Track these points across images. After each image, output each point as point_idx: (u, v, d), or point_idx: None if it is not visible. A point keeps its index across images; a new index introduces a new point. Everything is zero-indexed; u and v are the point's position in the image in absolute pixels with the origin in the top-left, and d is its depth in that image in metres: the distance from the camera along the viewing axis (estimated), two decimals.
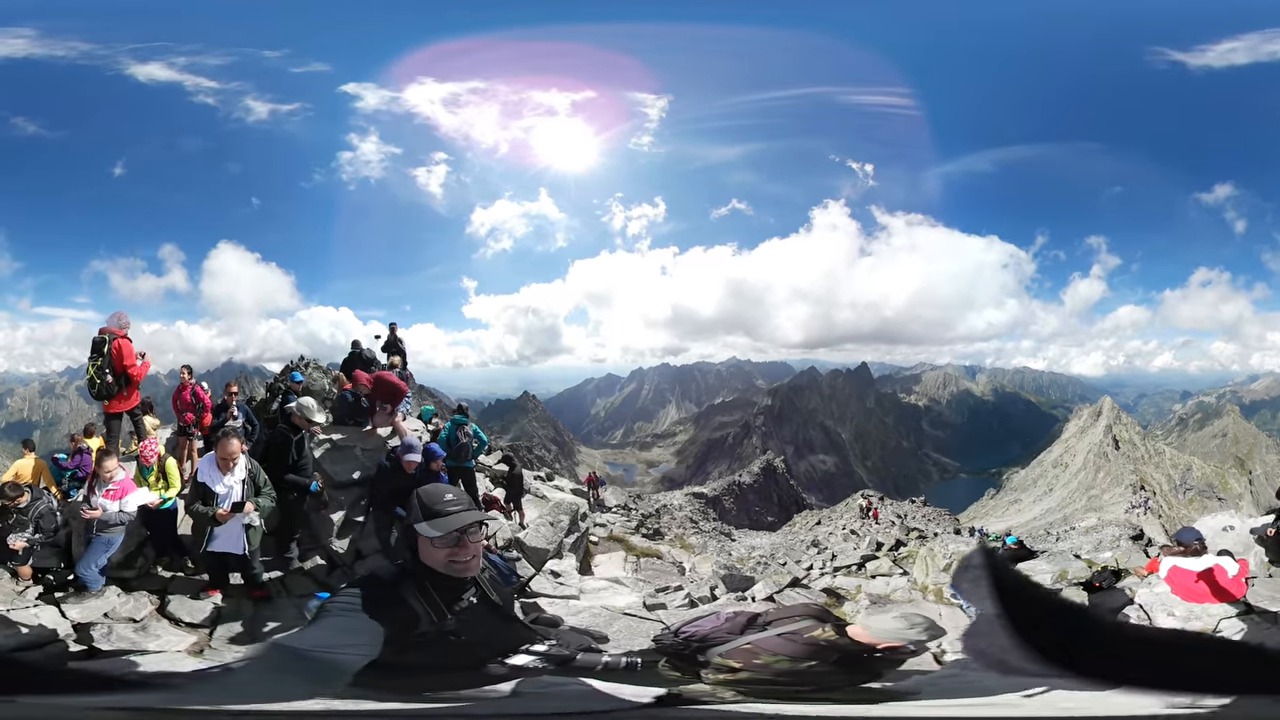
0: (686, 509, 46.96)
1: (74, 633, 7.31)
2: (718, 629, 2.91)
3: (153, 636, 7.46)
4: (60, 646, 6.88)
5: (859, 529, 43.55)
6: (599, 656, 2.71)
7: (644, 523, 32.61)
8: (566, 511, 12.00)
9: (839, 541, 37.97)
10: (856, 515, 51.19)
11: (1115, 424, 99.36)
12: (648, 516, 36.55)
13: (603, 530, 16.55)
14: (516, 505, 13.31)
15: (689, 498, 55.51)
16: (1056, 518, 71.49)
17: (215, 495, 7.89)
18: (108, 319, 10.31)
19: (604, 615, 8.40)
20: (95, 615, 7.75)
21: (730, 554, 32.14)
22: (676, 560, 15.64)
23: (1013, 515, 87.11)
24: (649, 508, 41.92)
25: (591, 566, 12.36)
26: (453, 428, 11.88)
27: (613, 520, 27.50)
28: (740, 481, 74.26)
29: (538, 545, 10.50)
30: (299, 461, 9.23)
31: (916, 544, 30.07)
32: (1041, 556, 18.36)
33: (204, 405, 11.83)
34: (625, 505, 40.11)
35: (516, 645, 2.63)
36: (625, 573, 12.35)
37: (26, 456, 10.84)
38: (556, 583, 9.64)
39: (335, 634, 2.20)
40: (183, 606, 8.15)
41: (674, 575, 13.17)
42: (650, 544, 17.57)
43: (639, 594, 10.21)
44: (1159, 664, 1.55)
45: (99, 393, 10.11)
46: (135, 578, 8.84)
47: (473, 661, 2.49)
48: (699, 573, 15.50)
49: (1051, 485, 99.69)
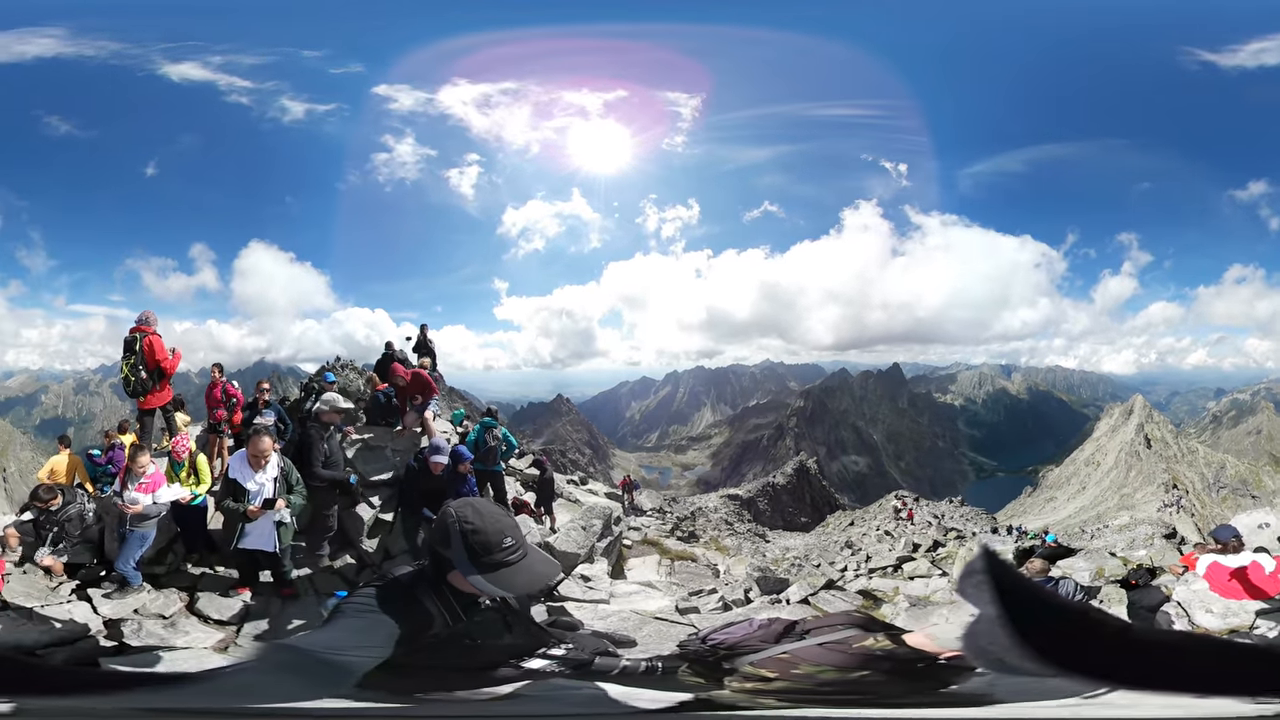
0: (721, 511, 46.72)
1: (104, 629, 7.31)
2: (749, 637, 2.71)
3: (181, 633, 7.44)
4: (91, 642, 6.86)
5: (893, 530, 43.07)
6: (617, 660, 2.60)
7: (679, 525, 32.38)
8: (599, 516, 11.84)
9: (873, 543, 37.56)
10: (890, 516, 50.70)
11: (1147, 422, 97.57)
12: (683, 519, 36.32)
13: (637, 534, 16.41)
14: (547, 509, 13.19)
15: (724, 500, 55.27)
16: (1090, 516, 70.59)
17: (246, 492, 7.86)
18: (137, 318, 10.41)
19: (633, 619, 8.25)
20: (126, 611, 7.75)
21: (765, 555, 31.83)
22: (711, 563, 15.43)
23: (1048, 513, 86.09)
24: (684, 510, 41.74)
25: (625, 570, 12.19)
26: (481, 431, 11.82)
27: (647, 524, 27.30)
28: (774, 483, 73.73)
29: (567, 550, 10.35)
30: (331, 458, 9.21)
31: (955, 544, 29.68)
32: (1079, 554, 18.18)
33: (235, 403, 11.86)
34: (660, 509, 39.98)
35: (533, 649, 2.51)
36: (659, 576, 12.17)
37: (62, 453, 10.96)
38: (586, 587, 9.49)
39: (349, 634, 2.12)
40: (212, 604, 8.15)
41: (708, 578, 12.96)
42: (685, 547, 17.37)
43: (672, 597, 10.04)
44: (1165, 665, 1.49)
45: (134, 389, 10.22)
46: (165, 574, 8.87)
47: (487, 664, 2.38)
48: (733, 575, 15.27)
49: (1084, 484, 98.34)
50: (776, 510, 65.09)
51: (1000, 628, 1.53)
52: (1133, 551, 19.20)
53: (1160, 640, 1.62)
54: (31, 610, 7.16)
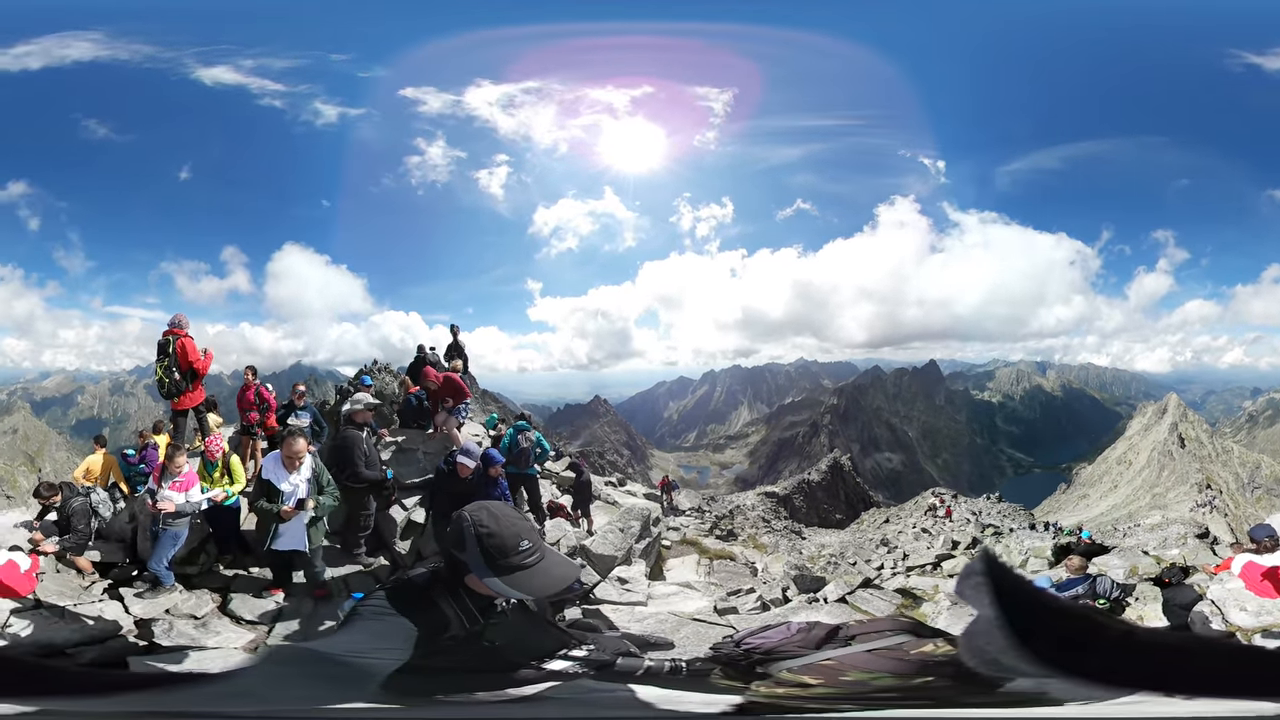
0: (759, 509, 46.47)
1: (135, 628, 7.30)
2: (787, 641, 2.58)
3: (212, 633, 7.40)
4: (121, 642, 6.85)
5: (931, 527, 42.57)
6: (640, 661, 2.51)
7: (718, 524, 32.28)
8: (637, 517, 11.69)
9: (910, 540, 37.12)
10: (927, 513, 50.16)
11: (1181, 421, 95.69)
12: (721, 518, 36.20)
13: (675, 534, 16.23)
14: (584, 512, 13.06)
15: (761, 497, 55.00)
16: (1122, 514, 69.76)
17: (280, 493, 7.82)
18: (169, 320, 10.57)
19: (670, 621, 8.08)
20: (157, 611, 7.73)
21: (801, 552, 31.62)
22: (749, 561, 15.22)
23: (1081, 510, 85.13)
24: (722, 509, 41.61)
25: (664, 571, 12.03)
26: (514, 434, 11.79)
27: (686, 523, 27.16)
28: (809, 480, 73.08)
29: (604, 552, 10.21)
30: (369, 458, 9.21)
31: (993, 541, 29.30)
32: (1112, 552, 18.00)
33: (268, 405, 11.89)
34: (699, 508, 39.95)
35: (553, 650, 2.46)
36: (698, 576, 11.99)
37: (97, 452, 11.09)
38: (623, 589, 9.32)
39: (368, 637, 2.13)
40: (244, 604, 8.12)
41: (746, 577, 12.76)
42: (724, 545, 17.19)
43: (710, 598, 9.84)
44: (1172, 667, 1.50)
45: (168, 391, 10.38)
46: (198, 574, 8.87)
47: (506, 666, 2.35)
48: (771, 573, 15.06)
49: (1116, 482, 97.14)
50: (812, 507, 64.52)
51: (998, 630, 1.52)
52: (1166, 550, 19.00)
53: (1167, 643, 1.63)
54: (64, 609, 7.15)
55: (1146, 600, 10.29)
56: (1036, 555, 19.26)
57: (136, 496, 10.00)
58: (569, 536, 11.04)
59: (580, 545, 10.40)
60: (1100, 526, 46.60)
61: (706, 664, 2.63)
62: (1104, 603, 9.92)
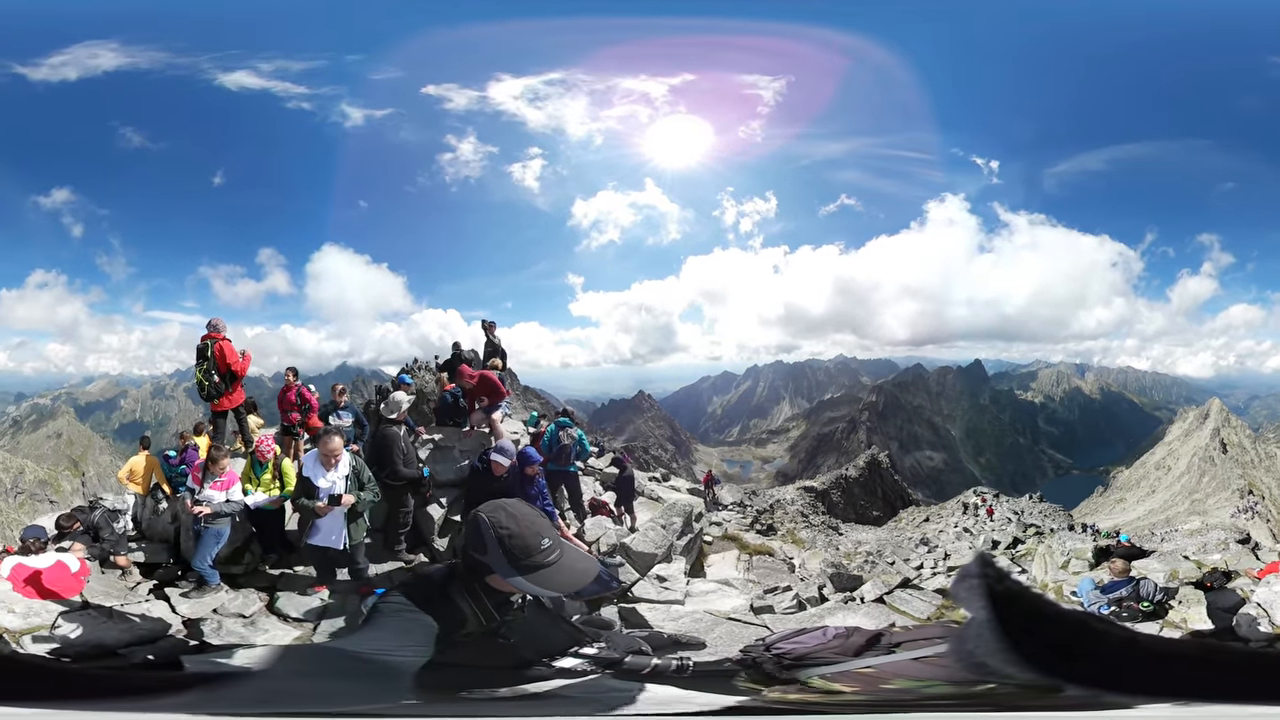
0: (798, 503, 46.25)
1: (184, 628, 7.42)
2: (824, 647, 2.49)
3: (260, 631, 7.50)
4: (172, 641, 6.96)
5: (972, 527, 41.93)
6: (648, 659, 2.51)
7: (758, 519, 32.09)
8: (680, 513, 11.61)
9: (950, 540, 36.58)
10: (969, 512, 49.49)
11: (1224, 426, 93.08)
12: (761, 512, 36.02)
13: (717, 529, 16.14)
14: (628, 508, 12.96)
15: (800, 492, 54.71)
16: (1159, 519, 68.34)
17: (318, 489, 7.95)
18: (206, 324, 10.74)
19: (705, 620, 7.99)
20: (204, 611, 7.87)
21: (838, 548, 31.31)
22: (788, 557, 15.09)
23: (1118, 514, 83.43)
24: (763, 504, 41.46)
25: (705, 567, 11.97)
26: (555, 430, 11.63)
27: (728, 518, 27.06)
28: (846, 476, 72.49)
29: (644, 550, 10.12)
30: (406, 455, 9.26)
31: (1034, 542, 28.85)
32: (1151, 556, 17.69)
33: (309, 406, 12.03)
34: (740, 502, 39.89)
35: (565, 648, 2.46)
36: (737, 573, 11.89)
37: (140, 454, 11.32)
38: (661, 588, 9.27)
39: (391, 635, 2.13)
40: (290, 602, 8.23)
41: (784, 573, 12.65)
42: (763, 540, 17.08)
43: (747, 596, 9.74)
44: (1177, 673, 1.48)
45: (208, 393, 10.54)
46: (244, 574, 9.01)
47: (518, 663, 2.35)
48: (808, 569, 14.93)
49: (1154, 487, 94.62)
50: (849, 503, 63.96)
51: (991, 633, 1.51)
52: (1206, 555, 18.62)
53: (1173, 649, 1.61)
54: (112, 609, 7.30)
55: (1190, 603, 10.11)
56: (1078, 557, 18.87)
57: (178, 497, 10.20)
58: (609, 534, 10.96)
59: (620, 543, 10.33)
60: (1137, 531, 45.66)
61: (723, 665, 2.60)
62: (1148, 605, 9.84)
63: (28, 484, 48.27)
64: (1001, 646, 1.48)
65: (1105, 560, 16.53)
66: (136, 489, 10.98)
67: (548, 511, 9.22)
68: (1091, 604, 10.08)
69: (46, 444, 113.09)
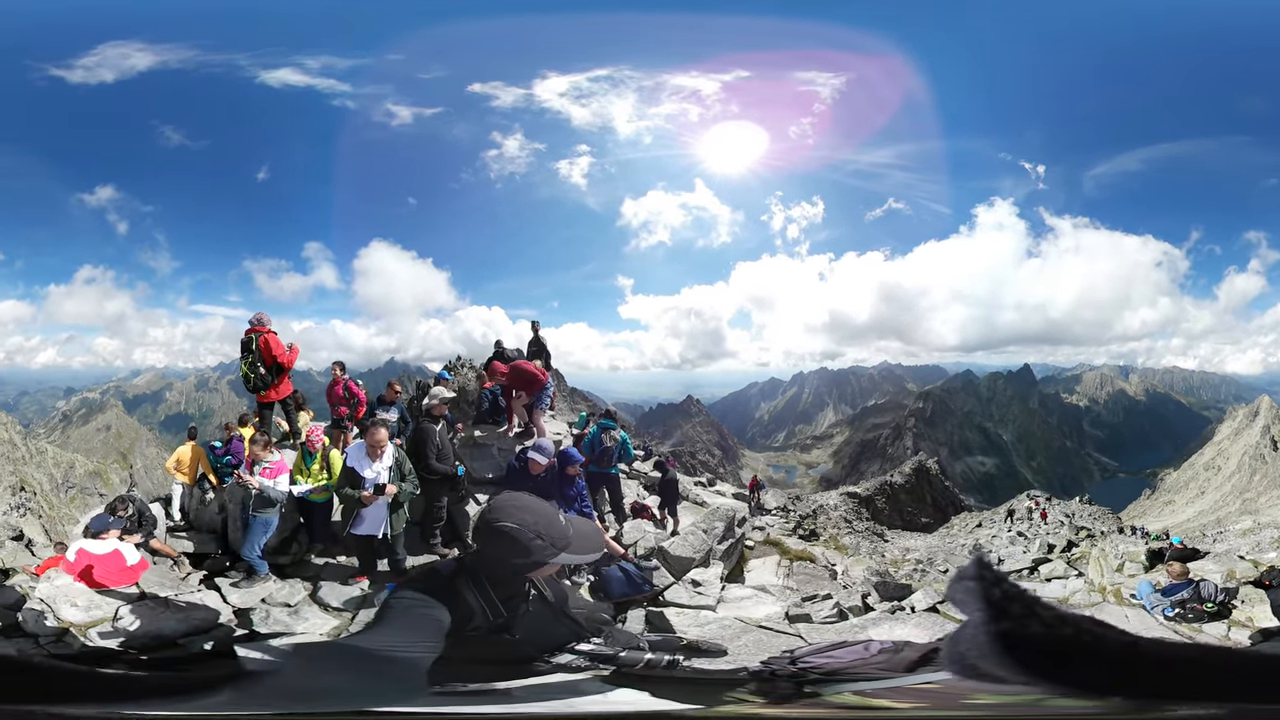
0: (841, 509, 45.71)
1: (235, 617, 7.60)
2: (864, 662, 2.29)
3: (303, 619, 7.65)
4: (225, 630, 7.13)
5: (1026, 530, 41.04)
6: (642, 655, 2.54)
7: (800, 524, 31.83)
8: (722, 518, 11.51)
9: (1004, 544, 35.83)
10: (1023, 516, 48.53)
11: (1274, 424, 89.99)
12: (805, 518, 35.70)
13: (760, 534, 16.01)
14: (671, 511, 12.85)
15: (843, 497, 54.07)
16: (1209, 520, 66.29)
17: (363, 480, 8.10)
18: (250, 319, 10.98)
19: (734, 627, 7.85)
20: (254, 600, 8.06)
21: (883, 555, 30.82)
22: (830, 563, 14.88)
23: (1167, 516, 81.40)
24: (806, 509, 41.04)
25: (745, 571, 11.86)
26: (597, 432, 11.48)
27: (771, 523, 26.88)
28: (892, 481, 71.20)
29: (682, 554, 10.02)
30: (442, 451, 9.34)
31: (1087, 544, 28.22)
32: (1206, 557, 17.17)
33: (357, 400, 12.22)
34: (784, 507, 39.54)
35: (564, 643, 2.51)
36: (777, 579, 11.74)
37: (187, 444, 11.63)
38: (695, 592, 9.18)
39: (405, 631, 2.12)
40: (332, 592, 8.37)
41: (825, 580, 12.45)
42: (805, 546, 16.88)
43: (783, 603, 9.58)
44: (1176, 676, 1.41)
45: (253, 385, 10.76)
46: (290, 564, 9.20)
47: (521, 657, 2.39)
48: (851, 576, 14.71)
49: (1203, 488, 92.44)
50: (895, 509, 62.90)
51: (986, 636, 1.45)
52: (1261, 554, 18.03)
53: (1171, 652, 1.43)
54: (167, 599, 7.51)
55: (1253, 602, 9.89)
56: (1132, 560, 18.38)
57: (224, 488, 10.44)
58: (648, 538, 10.89)
59: (659, 546, 10.28)
60: (1186, 532, 44.37)
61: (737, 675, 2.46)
62: (1210, 606, 9.66)
63: (78, 478, 49.56)
64: (996, 650, 1.43)
65: (1159, 563, 16.23)
66: (183, 479, 11.29)
67: (585, 513, 9.23)
68: (1153, 606, 9.92)
69: (96, 437, 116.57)
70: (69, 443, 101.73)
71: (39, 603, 6.85)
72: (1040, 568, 22.03)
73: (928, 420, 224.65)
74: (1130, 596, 11.15)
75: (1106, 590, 12.75)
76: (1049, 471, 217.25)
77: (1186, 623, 9.56)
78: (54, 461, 49.40)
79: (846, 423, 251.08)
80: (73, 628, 6.52)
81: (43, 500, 41.72)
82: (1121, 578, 15.57)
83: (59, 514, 40.68)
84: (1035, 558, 25.70)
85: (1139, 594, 10.68)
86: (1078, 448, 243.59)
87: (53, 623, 6.57)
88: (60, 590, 7.10)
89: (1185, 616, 9.70)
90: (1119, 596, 11.68)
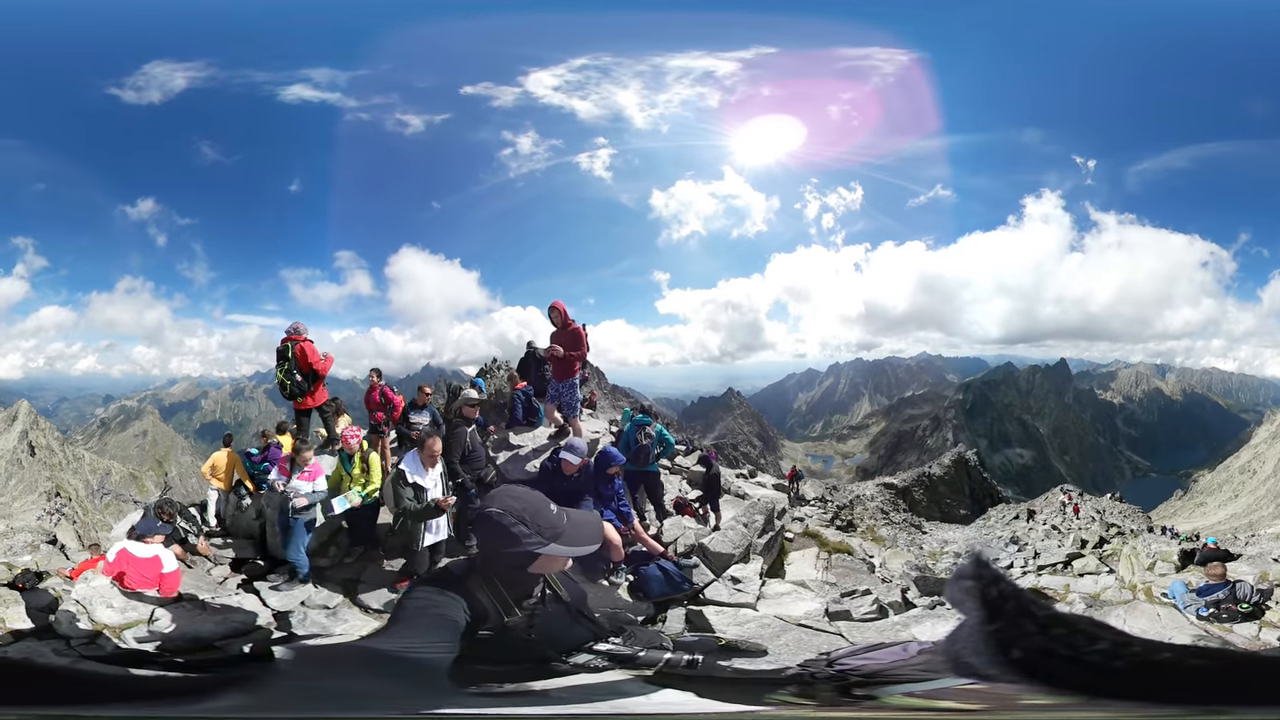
0: (877, 500, 45.41)
1: (274, 620, 7.65)
2: (905, 663, 2.23)
3: (341, 621, 7.69)
4: (264, 632, 7.18)
5: (1060, 525, 40.47)
6: (662, 654, 2.47)
7: (838, 515, 31.61)
8: (762, 511, 11.36)
9: (1040, 538, 35.31)
10: (1056, 510, 47.88)
11: None
12: (842, 508, 35.48)
13: (799, 525, 15.86)
14: (713, 506, 12.62)
15: (880, 488, 53.79)
16: (1241, 523, 66.05)
17: (424, 490, 8.23)
18: (286, 328, 11.09)
19: (774, 626, 7.69)
20: (293, 604, 8.11)
21: (921, 548, 30.52)
22: (868, 556, 14.73)
23: (1198, 518, 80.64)
24: (843, 499, 40.87)
25: (785, 565, 11.72)
26: (633, 429, 11.21)
27: (810, 513, 26.85)
28: (930, 473, 70.48)
29: (721, 550, 9.84)
30: (471, 453, 9.34)
31: (1118, 541, 27.92)
32: (1239, 559, 16.94)
33: (394, 406, 12.31)
34: (822, 497, 39.55)
35: (584, 643, 2.48)
36: (816, 573, 11.58)
37: (222, 451, 11.80)
38: (734, 589, 9.02)
39: (421, 632, 2.10)
40: (372, 596, 8.40)
41: (863, 574, 12.27)
42: (842, 537, 16.73)
43: (822, 599, 9.38)
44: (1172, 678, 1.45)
45: (290, 392, 10.86)
46: (330, 567, 9.25)
47: (536, 657, 2.35)
48: (889, 569, 14.52)
49: (1237, 491, 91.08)
50: (933, 501, 62.33)
51: (983, 636, 1.49)
52: None
53: (1169, 654, 1.48)
54: (205, 602, 7.58)
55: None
56: (1164, 559, 18.13)
57: (261, 494, 10.54)
58: (688, 534, 10.67)
59: (699, 543, 10.12)
60: (1218, 535, 43.66)
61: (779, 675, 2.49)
62: (1246, 607, 9.62)
63: (114, 484, 50.45)
64: (991, 648, 1.46)
65: (1190, 563, 16.30)
66: (219, 484, 11.45)
67: (624, 513, 9.14)
68: (1187, 606, 9.74)
69: (133, 444, 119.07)
70: (106, 449, 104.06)
71: (74, 604, 6.92)
72: (1074, 562, 21.87)
73: (968, 412, 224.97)
74: (1161, 595, 11.02)
75: (1137, 588, 12.58)
76: (1081, 467, 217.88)
77: (1219, 623, 9.45)
78: (90, 468, 50.42)
79: (882, 413, 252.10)
80: (106, 630, 6.57)
81: (77, 506, 42.62)
82: (1153, 576, 15.54)
83: (93, 520, 41.45)
84: (1070, 552, 25.46)
85: (1172, 593, 10.60)
86: (1110, 445, 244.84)
87: (86, 625, 6.62)
88: (96, 592, 7.16)
89: (1219, 616, 9.63)
90: (1150, 594, 11.50)
